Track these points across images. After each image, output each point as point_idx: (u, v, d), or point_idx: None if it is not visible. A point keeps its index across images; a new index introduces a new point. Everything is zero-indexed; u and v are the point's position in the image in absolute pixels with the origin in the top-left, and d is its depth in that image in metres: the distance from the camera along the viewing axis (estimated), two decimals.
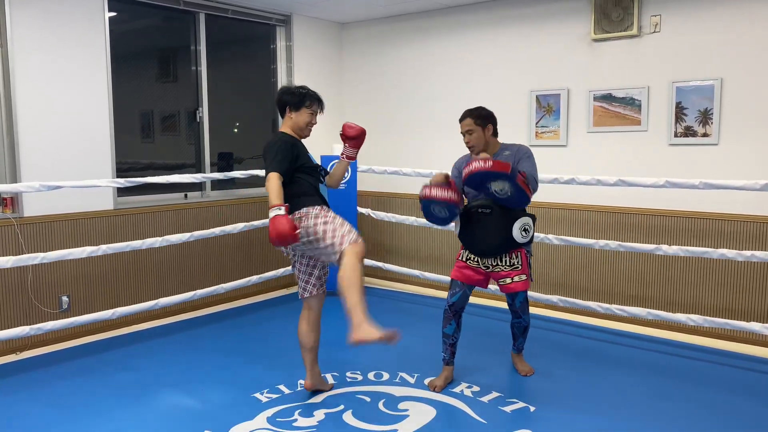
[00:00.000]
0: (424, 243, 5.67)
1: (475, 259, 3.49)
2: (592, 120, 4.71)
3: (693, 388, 3.53)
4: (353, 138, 3.42)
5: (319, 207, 3.19)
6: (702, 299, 4.35)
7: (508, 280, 3.45)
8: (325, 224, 3.10)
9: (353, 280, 2.96)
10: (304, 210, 3.15)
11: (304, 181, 3.24)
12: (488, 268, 3.47)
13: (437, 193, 3.36)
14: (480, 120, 3.43)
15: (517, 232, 3.34)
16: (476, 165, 3.17)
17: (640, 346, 4.23)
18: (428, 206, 3.48)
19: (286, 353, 4.07)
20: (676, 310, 4.40)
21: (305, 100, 3.31)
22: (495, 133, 3.49)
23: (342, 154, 3.47)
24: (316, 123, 3.38)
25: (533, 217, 3.46)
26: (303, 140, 3.35)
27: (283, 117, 3.36)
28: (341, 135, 3.44)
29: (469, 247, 3.48)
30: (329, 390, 3.50)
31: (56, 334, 4.23)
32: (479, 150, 3.44)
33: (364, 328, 2.85)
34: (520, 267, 3.45)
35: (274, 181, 3.00)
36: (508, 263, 3.44)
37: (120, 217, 4.56)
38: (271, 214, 2.89)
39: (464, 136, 3.49)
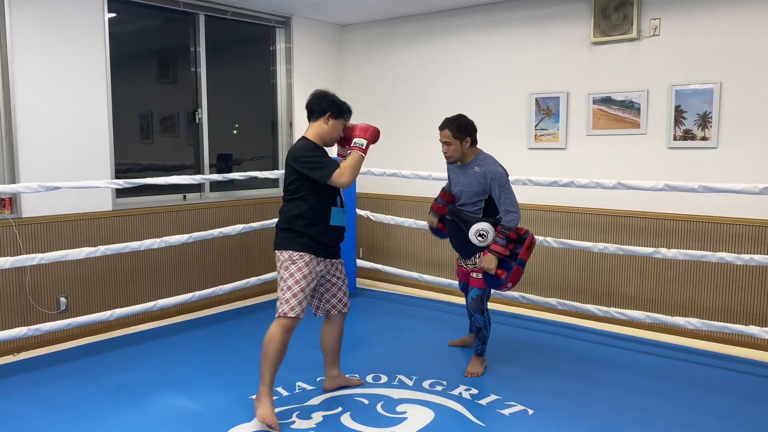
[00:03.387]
0: (423, 245, 5.67)
1: (461, 258, 3.87)
2: (591, 123, 4.71)
3: (691, 392, 3.53)
4: (372, 140, 3.24)
5: (297, 254, 3.15)
6: (701, 302, 4.35)
7: (470, 277, 3.74)
8: (282, 278, 3.18)
9: (268, 352, 3.11)
10: (286, 253, 3.19)
11: (308, 202, 3.16)
12: (467, 266, 3.79)
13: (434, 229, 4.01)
14: (458, 133, 3.56)
15: (473, 238, 3.58)
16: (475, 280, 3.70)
17: (639, 349, 4.23)
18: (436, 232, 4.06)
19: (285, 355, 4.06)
20: (675, 314, 4.40)
21: (345, 112, 3.25)
22: (473, 143, 3.64)
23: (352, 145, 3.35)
24: None
25: (494, 222, 3.58)
26: None
27: (312, 120, 3.24)
28: (356, 133, 3.26)
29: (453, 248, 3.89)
30: (356, 386, 3.55)
31: (54, 335, 4.22)
32: (455, 160, 3.66)
33: (260, 404, 3.09)
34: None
35: (348, 163, 3.11)
36: (473, 262, 3.70)
37: (118, 218, 4.56)
38: (363, 144, 3.17)
39: (442, 145, 3.65)
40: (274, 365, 3.11)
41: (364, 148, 3.17)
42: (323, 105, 3.21)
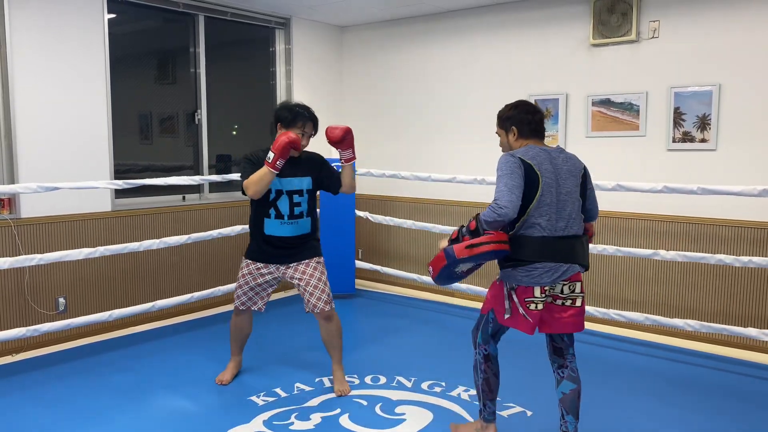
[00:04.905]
0: (422, 246, 5.67)
1: None
2: (590, 125, 4.71)
3: (690, 394, 3.53)
4: (338, 141, 3.34)
5: (248, 261, 3.53)
6: (700, 304, 4.35)
7: None
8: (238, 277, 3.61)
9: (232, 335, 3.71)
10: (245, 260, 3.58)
11: (255, 210, 3.46)
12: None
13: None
14: (501, 122, 2.88)
15: None
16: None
17: (638, 351, 4.23)
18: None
19: (283, 357, 4.07)
20: (674, 316, 4.40)
21: (281, 121, 3.40)
22: (522, 135, 2.76)
23: (340, 158, 3.45)
24: (305, 143, 3.41)
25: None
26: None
27: (273, 132, 3.42)
28: (328, 141, 3.37)
29: None
30: (343, 393, 3.48)
31: (53, 336, 4.22)
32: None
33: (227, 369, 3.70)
34: (490, 291, 2.81)
35: (254, 177, 3.26)
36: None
37: (118, 219, 4.56)
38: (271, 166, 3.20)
39: None
40: (236, 345, 3.75)
41: (270, 161, 3.19)
42: (275, 114, 3.45)
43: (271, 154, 3.18)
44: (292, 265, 3.46)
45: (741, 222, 4.15)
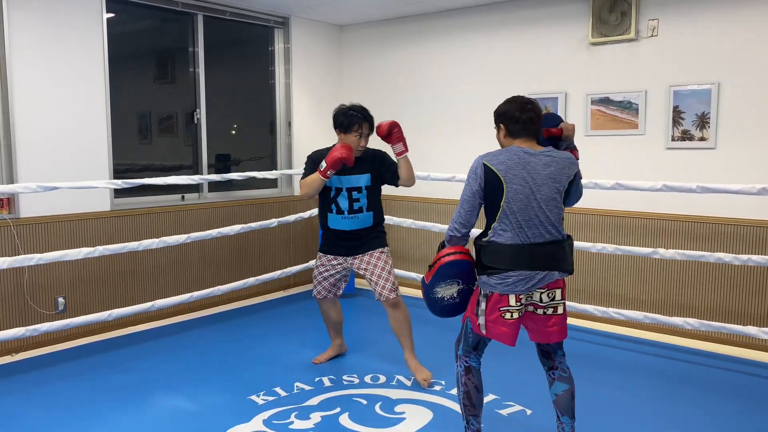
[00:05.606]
0: (421, 245, 5.67)
1: None
2: (589, 123, 4.71)
3: (690, 392, 3.53)
4: (385, 136, 3.50)
5: (320, 254, 3.73)
6: (699, 303, 4.35)
7: None
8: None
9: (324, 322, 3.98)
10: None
11: (321, 205, 3.68)
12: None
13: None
14: (494, 117, 2.77)
15: None
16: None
17: (637, 349, 4.23)
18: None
19: (283, 356, 4.07)
20: (673, 314, 4.40)
21: (337, 126, 3.57)
22: (510, 134, 2.65)
23: (395, 152, 3.59)
24: (364, 144, 3.61)
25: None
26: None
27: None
28: (378, 136, 3.56)
29: None
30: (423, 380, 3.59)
31: (52, 336, 4.22)
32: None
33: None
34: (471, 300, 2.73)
35: (307, 180, 3.52)
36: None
37: (117, 219, 4.55)
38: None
39: None
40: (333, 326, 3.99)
41: (322, 170, 3.39)
42: (333, 120, 3.62)
43: (323, 164, 3.38)
44: (358, 256, 3.65)
45: (740, 220, 4.15)
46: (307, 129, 5.91)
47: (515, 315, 2.52)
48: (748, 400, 3.44)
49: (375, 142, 3.70)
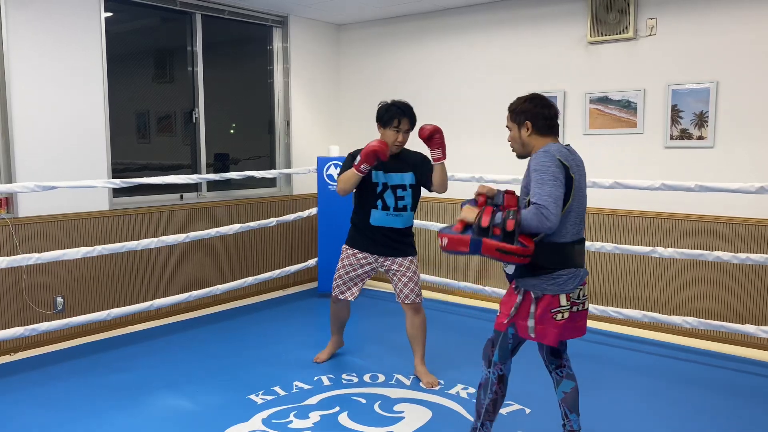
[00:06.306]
0: (421, 244, 5.66)
1: None
2: (588, 122, 4.71)
3: (688, 391, 3.54)
4: (426, 139, 3.46)
5: (347, 249, 3.67)
6: (697, 301, 4.36)
7: None
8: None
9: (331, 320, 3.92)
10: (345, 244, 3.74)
11: (362, 201, 3.62)
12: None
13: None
14: (514, 115, 2.63)
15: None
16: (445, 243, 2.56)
17: (636, 348, 4.24)
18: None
19: (282, 355, 4.07)
20: (672, 313, 4.41)
21: (379, 120, 3.58)
22: (538, 131, 2.55)
23: (432, 158, 3.54)
24: (402, 140, 3.59)
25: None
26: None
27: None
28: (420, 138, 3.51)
29: None
30: (430, 386, 3.57)
31: (51, 335, 4.21)
32: (516, 152, 2.70)
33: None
34: (506, 303, 2.59)
35: (342, 176, 3.52)
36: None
37: (115, 218, 4.55)
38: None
39: None
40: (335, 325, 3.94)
41: (356, 164, 3.40)
42: (376, 115, 3.60)
43: (358, 158, 3.39)
44: (390, 257, 3.63)
45: (738, 219, 4.16)
46: (306, 128, 5.91)
47: (566, 315, 2.47)
48: (746, 398, 3.45)
49: (415, 145, 3.69)
